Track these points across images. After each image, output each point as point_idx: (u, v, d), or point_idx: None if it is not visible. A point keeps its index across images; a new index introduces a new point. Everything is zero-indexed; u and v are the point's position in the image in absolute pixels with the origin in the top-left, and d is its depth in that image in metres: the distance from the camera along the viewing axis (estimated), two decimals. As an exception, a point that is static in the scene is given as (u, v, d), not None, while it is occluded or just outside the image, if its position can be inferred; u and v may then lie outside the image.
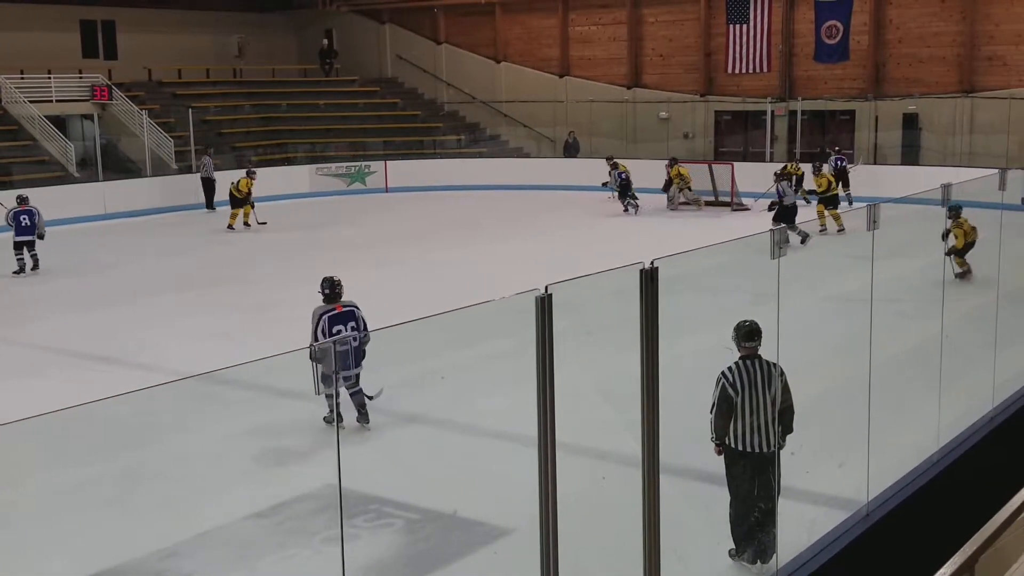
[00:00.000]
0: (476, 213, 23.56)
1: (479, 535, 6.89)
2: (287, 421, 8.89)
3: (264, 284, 15.98)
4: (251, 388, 9.76)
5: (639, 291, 4.81)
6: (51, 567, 6.47)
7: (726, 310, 12.22)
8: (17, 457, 7.17)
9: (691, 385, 6.77)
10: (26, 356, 12.00)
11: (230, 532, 6.98)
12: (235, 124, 29.29)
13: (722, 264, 12.12)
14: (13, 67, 25.75)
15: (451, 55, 32.28)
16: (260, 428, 8.94)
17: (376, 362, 8.52)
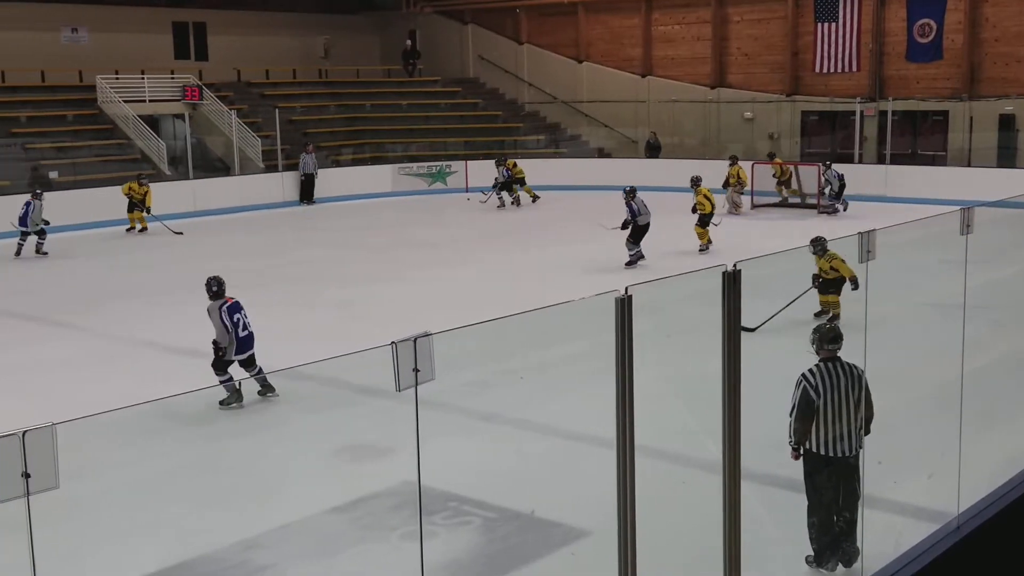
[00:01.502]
0: (555, 213, 23.52)
1: (557, 536, 6.86)
2: (366, 417, 8.97)
3: (345, 281, 16.15)
4: (332, 384, 9.87)
5: (721, 293, 4.73)
6: (138, 556, 6.61)
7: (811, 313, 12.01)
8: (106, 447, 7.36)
9: (771, 389, 6.66)
10: (114, 348, 12.29)
11: (310, 525, 7.06)
12: (320, 124, 29.69)
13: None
14: (108, 68, 26.45)
15: (533, 55, 32.30)
16: (339, 424, 9.03)
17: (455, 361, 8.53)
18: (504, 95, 32.66)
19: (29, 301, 14.99)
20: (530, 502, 7.15)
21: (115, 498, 7.39)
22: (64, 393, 10.17)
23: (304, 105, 29.99)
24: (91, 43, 27.86)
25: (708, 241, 17.93)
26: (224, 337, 9.59)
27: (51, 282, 16.58)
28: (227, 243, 20.63)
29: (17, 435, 3.74)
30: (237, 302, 9.79)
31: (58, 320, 13.56)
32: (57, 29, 27.48)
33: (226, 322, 9.59)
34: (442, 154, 28.93)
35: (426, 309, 13.48)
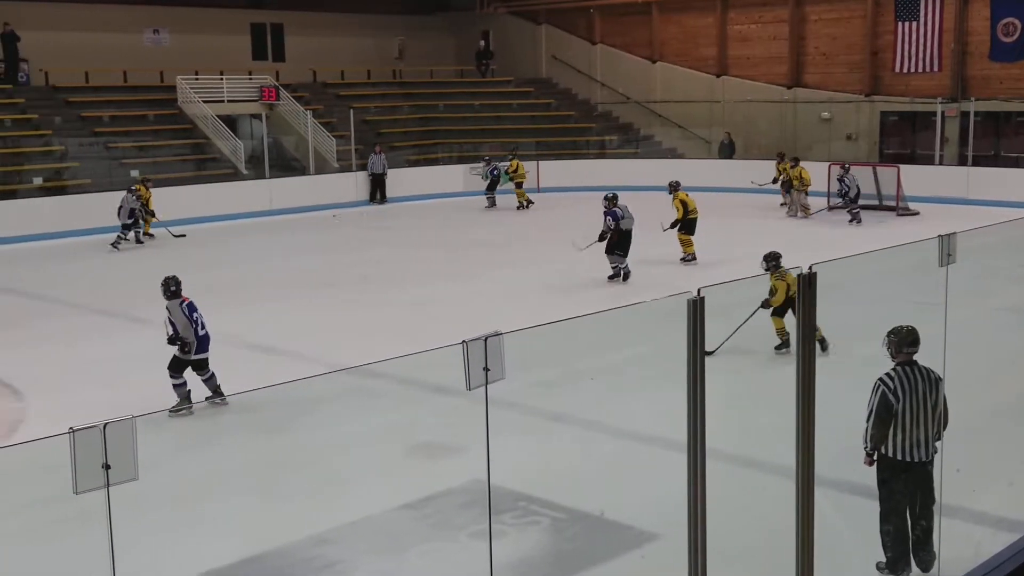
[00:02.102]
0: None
1: (626, 538, 6.83)
2: (437, 415, 9.03)
3: (418, 280, 16.26)
4: (403, 382, 9.95)
5: (796, 296, 4.67)
6: (212, 547, 6.73)
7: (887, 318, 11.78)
8: (185, 439, 7.52)
9: (846, 394, 6.56)
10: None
11: (379, 522, 7.12)
12: (394, 124, 29.94)
13: (884, 271, 11.71)
14: (188, 68, 26.97)
15: (606, 55, 32.19)
16: (410, 421, 9.10)
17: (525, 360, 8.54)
18: (577, 95, 32.61)
19: (110, 296, 15.35)
20: (599, 503, 7.13)
21: (192, 490, 7.53)
22: (143, 387, 10.39)
23: (378, 105, 30.27)
24: (172, 44, 28.43)
25: (690, 253, 16.83)
26: (189, 331, 9.65)
27: (130, 277, 16.95)
28: (301, 241, 20.90)
29: (98, 427, 3.83)
30: (192, 302, 9.89)
31: (136, 316, 13.86)
32: (139, 31, 28.09)
33: (188, 318, 9.72)
34: (513, 154, 28.93)
35: (497, 308, 13.52)
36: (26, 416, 9.80)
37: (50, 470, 4.16)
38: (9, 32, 24.59)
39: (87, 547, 4.40)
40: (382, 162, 25.72)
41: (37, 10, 25.68)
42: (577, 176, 27.69)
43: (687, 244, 16.91)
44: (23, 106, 24.53)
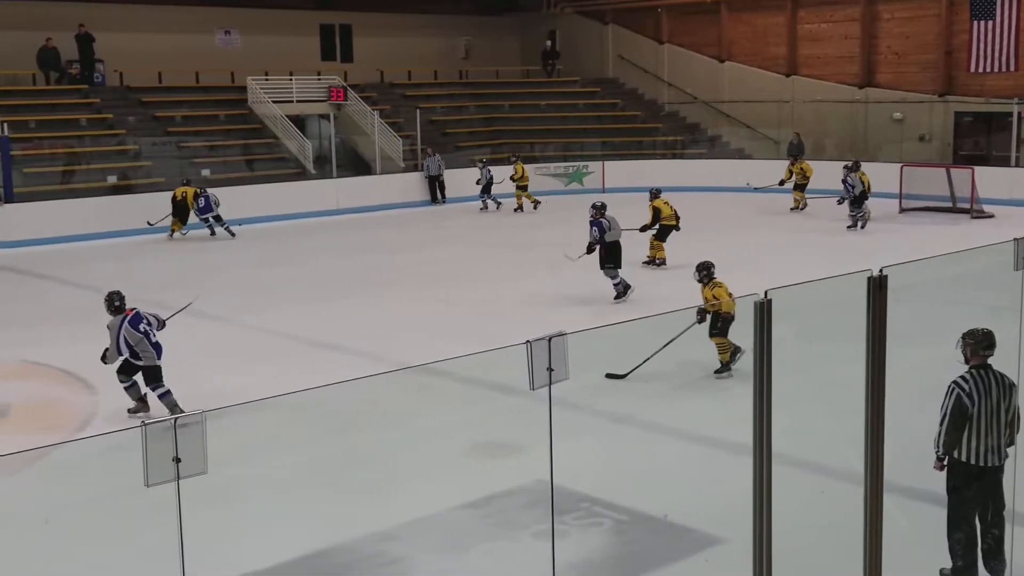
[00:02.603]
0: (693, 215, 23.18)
1: (689, 542, 6.78)
2: (500, 415, 9.04)
3: (481, 280, 16.31)
4: (466, 381, 9.98)
5: (866, 300, 4.60)
6: (278, 541, 6.81)
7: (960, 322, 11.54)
8: (251, 435, 7.62)
9: (917, 400, 6.44)
10: (260, 341, 12.70)
11: (443, 520, 7.16)
12: (460, 124, 30.06)
13: (958, 274, 11.48)
14: (258, 69, 27.34)
15: (673, 55, 31.99)
16: (474, 420, 9.13)
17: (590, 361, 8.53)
18: (643, 95, 32.46)
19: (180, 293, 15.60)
20: (663, 506, 7.09)
21: (258, 485, 7.63)
22: (213, 383, 10.57)
23: (444, 105, 30.41)
24: (243, 45, 28.86)
25: (660, 258, 16.61)
26: (114, 355, 9.57)
27: (200, 274, 17.22)
28: (367, 240, 21.08)
29: (169, 421, 3.90)
30: (138, 312, 9.77)
31: (207, 312, 14.08)
32: (211, 32, 28.55)
33: (126, 336, 9.53)
34: (579, 154, 28.92)
35: (561, 309, 13.51)
36: (99, 410, 10.00)
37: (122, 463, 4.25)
38: (84, 34, 25.15)
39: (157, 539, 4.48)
40: (437, 163, 25.74)
41: (112, 12, 26.24)
42: (643, 177, 27.45)
43: (658, 249, 16.80)
44: (98, 106, 25.08)
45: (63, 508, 7.33)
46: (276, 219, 22.54)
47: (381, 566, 6.51)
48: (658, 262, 16.74)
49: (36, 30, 24.55)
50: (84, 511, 7.26)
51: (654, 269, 16.57)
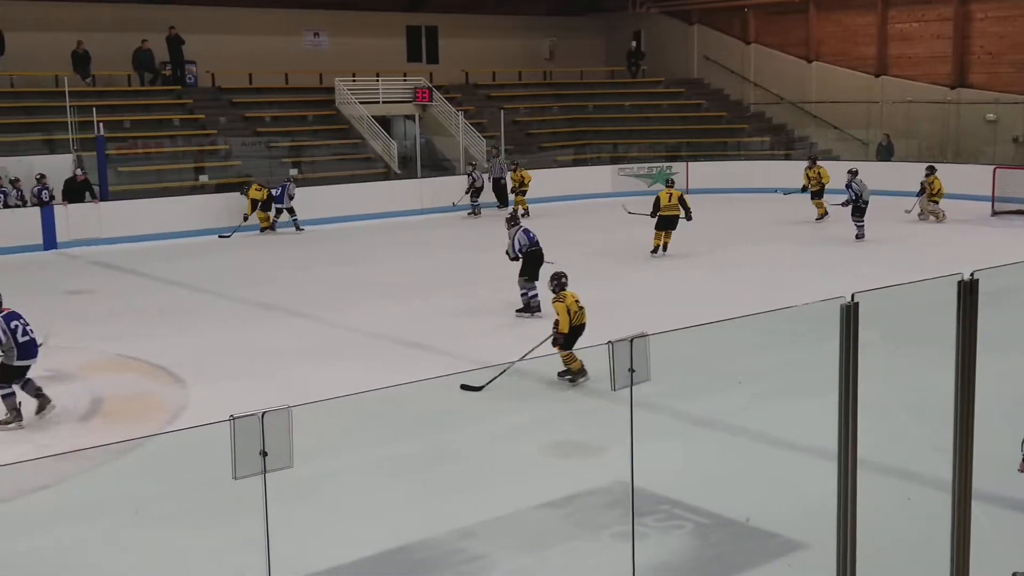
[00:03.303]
0: (777, 216, 22.93)
1: (772, 547, 6.71)
2: (581, 415, 9.05)
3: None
4: (547, 381, 10.01)
5: (956, 304, 4.51)
6: (361, 536, 6.90)
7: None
8: (337, 431, 7.74)
9: (1008, 407, 6.29)
10: (344, 338, 12.87)
11: (523, 518, 7.18)
12: (543, 125, 30.10)
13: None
14: (346, 71, 27.71)
15: (760, 55, 31.60)
16: (554, 420, 9.15)
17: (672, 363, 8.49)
18: (729, 96, 32.13)
19: (268, 290, 15.90)
20: (745, 510, 7.02)
21: (341, 480, 7.75)
22: (300, 378, 10.76)
23: (528, 106, 30.48)
24: (331, 47, 29.28)
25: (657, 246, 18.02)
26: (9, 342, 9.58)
27: (289, 272, 17.53)
28: (450, 239, 21.23)
29: (257, 416, 3.98)
30: (14, 311, 9.75)
31: (294, 309, 14.35)
32: (300, 34, 29.02)
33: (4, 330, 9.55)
34: (663, 155, 28.75)
35: (643, 310, 13.45)
36: (188, 403, 10.25)
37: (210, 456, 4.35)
38: (175, 36, 25.76)
39: (243, 531, 4.58)
40: (500, 166, 25.73)
41: (204, 14, 26.83)
42: (727, 178, 27.30)
43: (656, 237, 18.09)
44: (191, 106, 25.67)
45: (153, 499, 7.51)
46: (361, 218, 22.83)
47: (462, 563, 6.56)
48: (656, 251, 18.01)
49: (132, 32, 25.23)
50: (173, 502, 7.43)
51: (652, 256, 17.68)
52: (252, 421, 3.98)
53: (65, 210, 20.58)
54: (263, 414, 3.96)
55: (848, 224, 19.77)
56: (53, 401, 9.76)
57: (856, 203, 19.45)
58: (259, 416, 3.96)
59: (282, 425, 4.04)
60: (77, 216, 20.60)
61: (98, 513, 7.30)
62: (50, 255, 19.89)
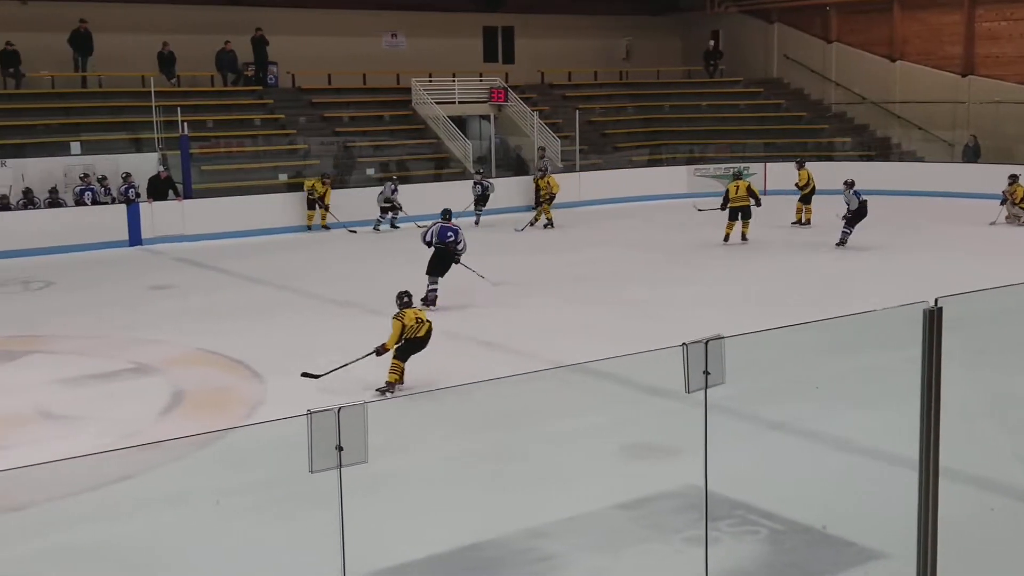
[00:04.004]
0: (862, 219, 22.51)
1: (848, 555, 6.59)
2: (654, 417, 8.98)
3: (633, 282, 16.25)
4: (619, 382, 9.96)
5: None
6: (433, 532, 6.94)
7: None
8: (410, 427, 7.80)
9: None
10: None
11: (595, 519, 7.16)
12: (618, 125, 29.99)
13: None
14: (423, 71, 27.93)
15: (842, 54, 31.09)
16: (627, 421, 9.10)
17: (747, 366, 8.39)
18: (809, 96, 31.67)
19: (346, 287, 16.10)
20: (821, 517, 6.91)
21: (415, 476, 7.80)
22: (375, 375, 10.85)
23: (603, 106, 30.39)
24: (408, 48, 29.52)
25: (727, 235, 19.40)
26: None
27: (366, 270, 17.71)
28: (525, 240, 21.26)
29: (333, 411, 4.04)
30: None
31: (371, 307, 14.48)
32: (379, 35, 29.31)
33: None
34: (740, 155, 28.46)
35: (718, 312, 13.33)
36: (266, 398, 10.41)
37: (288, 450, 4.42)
38: (259, 37, 26.20)
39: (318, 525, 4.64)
40: (547, 167, 25.56)
41: (286, 16, 27.24)
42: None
43: (728, 227, 19.55)
44: (271, 106, 26.08)
45: (231, 491, 7.64)
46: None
47: (533, 562, 6.56)
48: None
49: (216, 34, 25.73)
50: (251, 495, 7.54)
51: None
52: (328, 416, 4.03)
53: (150, 207, 21.07)
54: (339, 409, 4.02)
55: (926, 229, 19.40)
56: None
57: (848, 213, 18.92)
58: (335, 411, 4.01)
59: (358, 420, 4.09)
60: (161, 213, 21.08)
61: (178, 504, 7.44)
62: (135, 251, 20.38)
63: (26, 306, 15.33)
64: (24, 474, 6.82)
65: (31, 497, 7.25)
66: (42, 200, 20.90)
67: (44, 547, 6.72)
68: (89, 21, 24.28)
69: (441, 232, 14.61)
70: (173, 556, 6.70)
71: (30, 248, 19.38)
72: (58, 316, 14.37)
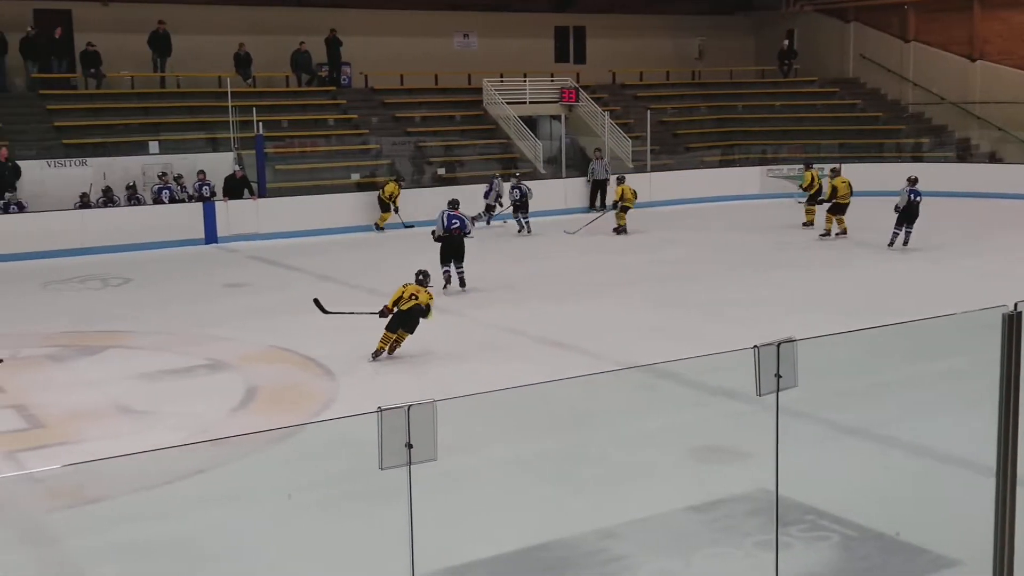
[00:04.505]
0: (938, 221, 22.07)
1: (922, 562, 6.48)
2: (725, 419, 8.90)
3: (708, 282, 16.13)
4: (690, 384, 9.88)
5: None
6: (501, 532, 6.96)
7: None
8: (479, 426, 7.83)
9: None
10: (488, 336, 13.02)
11: (666, 521, 7.12)
12: (691, 125, 29.79)
13: None
14: (494, 71, 28.02)
15: (920, 53, 30.51)
16: (698, 424, 9.03)
17: (820, 369, 8.28)
18: (886, 95, 31.14)
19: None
20: (895, 523, 6.80)
21: (484, 475, 7.83)
22: (444, 374, 10.93)
23: (675, 106, 30.20)
24: (480, 48, 29.64)
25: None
26: None
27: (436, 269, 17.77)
28: (594, 240, 21.21)
29: (403, 408, 4.07)
30: None
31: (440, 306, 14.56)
32: (450, 35, 29.48)
33: None
34: (815, 156, 28.08)
35: (793, 315, 13.17)
36: (338, 395, 10.53)
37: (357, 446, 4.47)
38: (333, 38, 26.52)
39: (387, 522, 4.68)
40: (604, 167, 25.44)
41: (359, 17, 27.54)
42: (882, 179, 26.39)
43: (828, 220, 19.99)
44: (344, 107, 26.38)
45: (302, 487, 7.73)
46: (507, 217, 23.00)
47: (602, 563, 6.54)
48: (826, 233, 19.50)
49: (291, 35, 26.10)
50: (322, 490, 7.63)
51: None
52: (399, 414, 4.07)
53: (225, 206, 21.44)
54: (409, 407, 4.05)
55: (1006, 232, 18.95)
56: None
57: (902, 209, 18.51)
58: (405, 409, 4.05)
59: (427, 418, 4.12)
60: (236, 212, 21.44)
61: (250, 498, 7.55)
62: (211, 249, 20.75)
63: (105, 302, 15.69)
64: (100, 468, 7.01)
65: (107, 490, 7.41)
66: (121, 198, 21.38)
67: (118, 540, 6.86)
68: (168, 22, 24.80)
69: (448, 221, 15.54)
70: (244, 550, 6.81)
71: (109, 245, 19.84)
72: (135, 312, 14.69)
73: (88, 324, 13.83)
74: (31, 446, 9.12)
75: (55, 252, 19.33)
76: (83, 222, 20.21)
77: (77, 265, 18.53)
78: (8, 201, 20.32)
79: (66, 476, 7.46)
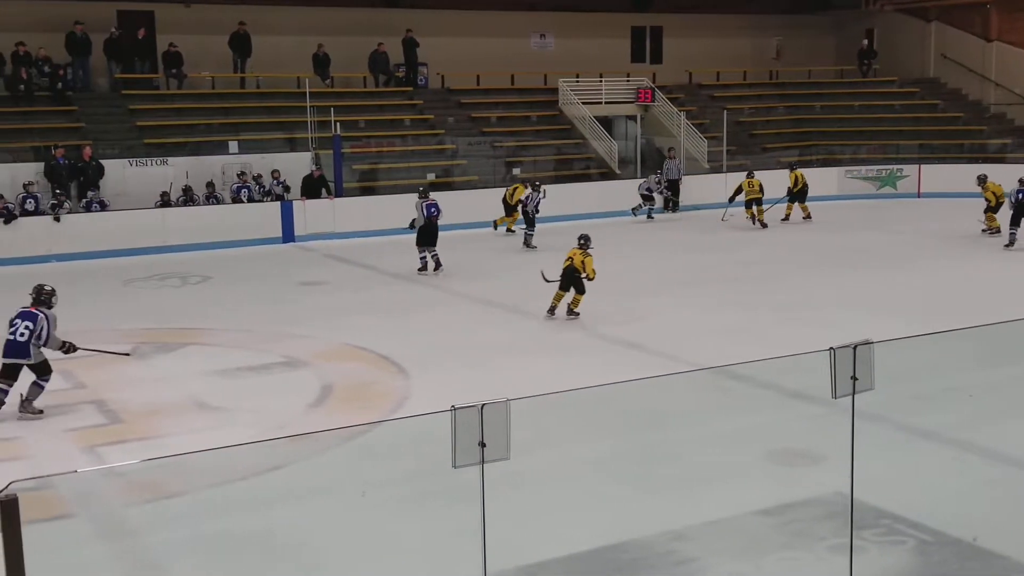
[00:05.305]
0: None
1: (999, 568, 6.36)
2: (799, 422, 8.83)
3: (784, 283, 15.96)
4: (764, 386, 9.82)
5: None
6: (573, 531, 6.99)
7: None
8: (553, 425, 7.87)
9: None
10: (562, 336, 13.03)
11: (737, 524, 7.08)
12: (768, 126, 29.46)
13: None
14: (570, 71, 28.00)
15: (1003, 53, 29.77)
16: (771, 426, 8.97)
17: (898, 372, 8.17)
18: (967, 96, 30.45)
19: (492, 287, 16.31)
20: (972, 529, 6.69)
21: (557, 475, 7.86)
22: (519, 373, 10.99)
23: (752, 107, 29.90)
24: (556, 48, 29.65)
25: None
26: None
27: (513, 270, 17.86)
28: (670, 240, 21.11)
29: (476, 407, 4.13)
30: (32, 312, 9.94)
31: (515, 306, 14.64)
32: (527, 36, 29.53)
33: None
34: (894, 157, 27.60)
35: (868, 317, 12.98)
36: (411, 393, 10.64)
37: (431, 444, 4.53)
38: (410, 38, 26.74)
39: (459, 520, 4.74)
40: (677, 167, 25.21)
41: (436, 17, 27.72)
42: (962, 181, 25.81)
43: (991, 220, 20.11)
44: (421, 107, 26.59)
45: (376, 484, 7.84)
46: (580, 218, 22.93)
47: (673, 565, 6.54)
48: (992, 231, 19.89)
49: (368, 35, 26.38)
50: (395, 488, 7.72)
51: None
52: (472, 413, 4.12)
53: (303, 205, 21.76)
54: (482, 406, 4.10)
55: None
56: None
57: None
58: (479, 408, 4.10)
59: (500, 417, 4.16)
60: (313, 211, 21.74)
61: (325, 495, 7.67)
62: (288, 247, 21.08)
63: (184, 299, 16.02)
64: (179, 463, 7.18)
65: (185, 485, 7.59)
66: (201, 197, 21.81)
67: (197, 534, 7.01)
68: (248, 23, 25.23)
69: (427, 210, 17.20)
70: (319, 545, 6.92)
71: (189, 243, 20.27)
72: (214, 309, 14.99)
73: (167, 321, 14.13)
74: (111, 441, 9.35)
75: (136, 250, 19.79)
76: (163, 221, 20.66)
77: (157, 263, 18.95)
78: (91, 200, 20.85)
79: (146, 471, 7.63)
